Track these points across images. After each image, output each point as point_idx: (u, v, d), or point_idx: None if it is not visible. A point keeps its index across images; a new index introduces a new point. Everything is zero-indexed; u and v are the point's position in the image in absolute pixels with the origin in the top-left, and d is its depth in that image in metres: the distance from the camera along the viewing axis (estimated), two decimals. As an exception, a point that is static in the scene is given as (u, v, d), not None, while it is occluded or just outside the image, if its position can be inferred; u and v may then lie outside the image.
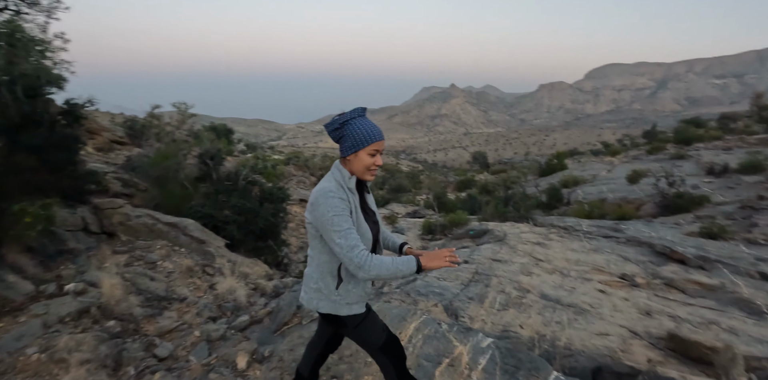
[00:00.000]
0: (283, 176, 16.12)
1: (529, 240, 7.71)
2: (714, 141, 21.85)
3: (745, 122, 26.13)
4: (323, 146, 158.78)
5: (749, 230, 9.67)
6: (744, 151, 17.83)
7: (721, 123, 29.09)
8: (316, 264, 1.66)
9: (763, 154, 15.30)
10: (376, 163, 1.62)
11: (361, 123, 1.59)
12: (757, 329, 4.14)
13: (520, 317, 3.69)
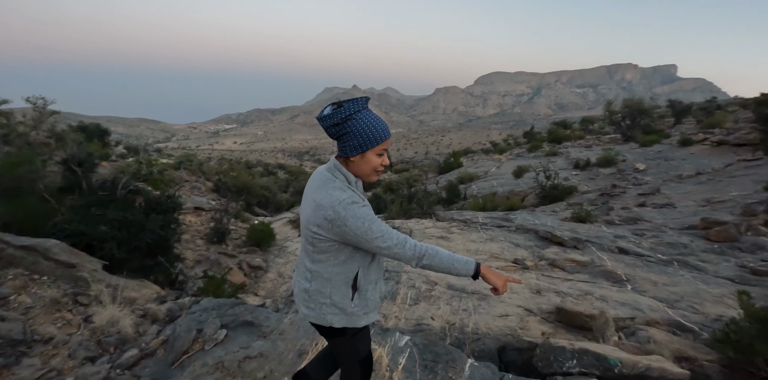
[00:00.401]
0: (173, 182, 14.50)
1: (433, 234, 8.12)
2: (578, 140, 25.93)
3: (599, 124, 31.64)
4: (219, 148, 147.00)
5: (608, 213, 11.64)
6: (600, 148, 21.50)
7: (582, 125, 34.80)
8: (326, 278, 1.50)
9: (615, 150, 18.58)
10: (384, 163, 1.45)
11: (367, 118, 1.37)
12: (621, 295, 4.95)
13: (430, 309, 3.85)
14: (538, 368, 3.00)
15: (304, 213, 1.50)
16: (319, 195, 1.42)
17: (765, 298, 4.71)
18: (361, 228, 1.36)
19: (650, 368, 2.99)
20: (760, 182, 11.01)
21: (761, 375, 3.25)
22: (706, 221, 9.31)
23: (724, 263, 7.41)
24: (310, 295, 1.54)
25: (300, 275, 1.59)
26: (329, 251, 1.45)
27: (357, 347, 1.63)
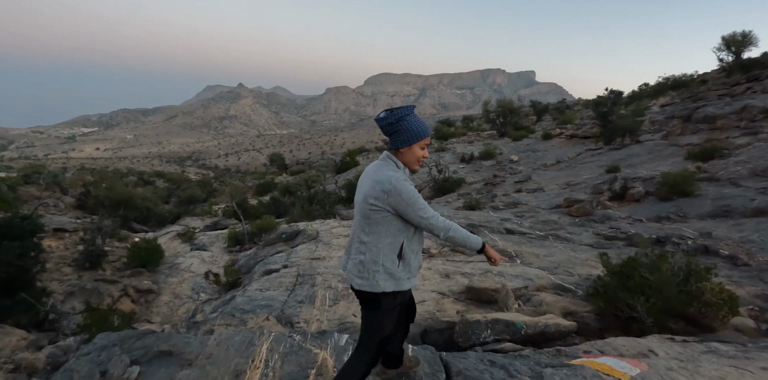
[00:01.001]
0: (20, 201, 11.74)
1: (340, 234, 8.07)
2: (462, 136, 28.48)
3: (478, 122, 35.34)
4: (77, 156, 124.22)
5: (492, 200, 13.02)
6: (481, 143, 23.96)
7: (464, 123, 38.41)
8: (378, 248, 1.75)
9: (493, 145, 20.89)
10: (425, 156, 1.83)
11: (415, 119, 1.77)
12: (513, 269, 5.54)
13: (351, 307, 3.81)
14: (458, 343, 3.19)
15: (360, 193, 1.81)
16: (377, 175, 1.76)
17: (618, 257, 5.75)
18: (410, 199, 1.69)
19: (547, 325, 3.42)
20: (603, 166, 13.52)
21: (624, 316, 3.97)
22: (568, 200, 11.08)
23: (585, 233, 8.91)
24: (365, 266, 1.77)
25: (355, 250, 1.84)
26: (382, 223, 1.73)
27: (384, 323, 1.82)
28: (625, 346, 2.63)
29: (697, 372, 2.19)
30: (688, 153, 11.79)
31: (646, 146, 13.90)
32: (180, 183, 33.30)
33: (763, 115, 12.78)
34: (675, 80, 22.00)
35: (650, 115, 17.30)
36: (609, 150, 14.99)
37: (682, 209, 9.24)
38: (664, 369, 2.20)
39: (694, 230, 8.30)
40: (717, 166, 10.55)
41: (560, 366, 2.18)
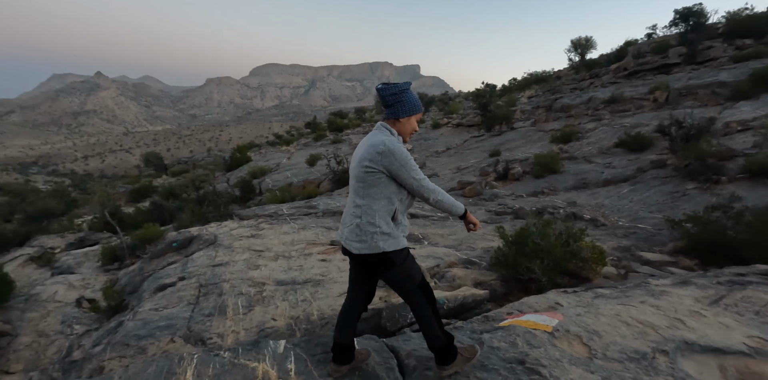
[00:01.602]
0: None
1: (242, 234, 7.45)
2: (357, 127, 28.72)
3: (370, 113, 36.06)
4: None
5: (391, 187, 13.44)
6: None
7: (357, 114, 38.79)
8: (373, 211, 1.81)
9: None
10: (416, 129, 1.96)
11: (413, 94, 1.90)
12: (423, 250, 5.73)
13: (268, 311, 3.50)
14: (387, 328, 3.15)
15: (355, 160, 1.87)
16: (371, 140, 1.83)
17: (511, 229, 6.37)
18: (403, 160, 1.77)
19: (465, 296, 3.59)
20: (486, 151, 14.95)
21: (525, 279, 4.41)
22: (461, 183, 12.01)
23: (479, 211, 9.75)
24: (362, 228, 1.81)
25: (351, 215, 1.88)
26: (377, 185, 1.80)
27: (411, 272, 1.89)
28: (538, 303, 2.89)
29: (599, 313, 2.52)
30: (552, 137, 13.72)
31: (519, 132, 15.79)
32: (25, 195, 27.15)
33: (603, 104, 15.60)
34: (537, 76, 25.75)
35: (520, 105, 19.76)
36: (490, 136, 16.66)
37: (552, 184, 10.74)
38: (574, 315, 2.47)
39: (563, 201, 9.72)
40: (574, 147, 12.48)
41: (494, 330, 2.28)
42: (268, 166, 21.03)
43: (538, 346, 2.13)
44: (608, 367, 2.00)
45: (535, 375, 1.89)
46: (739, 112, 11.03)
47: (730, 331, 2.45)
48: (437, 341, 1.89)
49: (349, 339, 2.00)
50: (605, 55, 24.14)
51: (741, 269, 4.39)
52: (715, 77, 13.64)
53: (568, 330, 2.30)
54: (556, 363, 1.99)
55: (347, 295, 2.10)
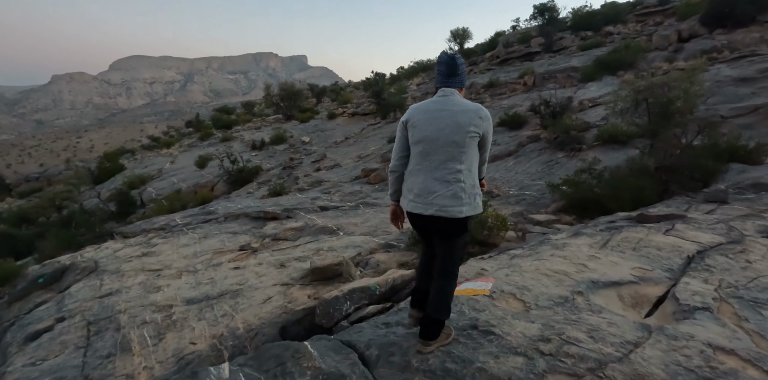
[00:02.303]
0: None
1: (130, 255, 6.46)
2: (247, 123, 26.82)
3: (259, 107, 33.94)
4: None
5: (296, 182, 12.92)
6: (269, 128, 23.13)
7: (246, 109, 36.15)
8: (472, 173, 1.87)
9: (282, 128, 20.47)
10: None
11: None
12: (340, 241, 5.64)
13: (184, 335, 3.06)
14: (323, 325, 3.02)
15: (449, 127, 1.80)
16: (465, 105, 1.83)
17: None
18: (491, 125, 1.88)
19: (395, 279, 3.62)
20: (384, 138, 15.28)
21: None
22: (365, 171, 12.10)
23: (386, 196, 9.97)
24: (467, 191, 1.82)
25: (448, 182, 1.81)
26: (473, 148, 1.84)
27: (467, 240, 2.06)
28: (467, 272, 3.03)
29: (522, 270, 2.78)
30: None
31: (411, 116, 16.49)
32: None
33: (484, 89, 17.13)
34: (423, 64, 27.31)
35: (411, 92, 20.59)
36: (386, 123, 17.07)
37: (449, 163, 11.50)
38: (503, 276, 2.67)
39: (460, 177, 10.50)
40: (462, 126, 13.45)
41: None
42: (147, 173, 18.55)
43: (482, 310, 2.25)
44: (543, 315, 2.23)
45: (490, 335, 2.00)
46: (589, 92, 13.13)
47: (620, 267, 2.88)
48: (446, 313, 1.90)
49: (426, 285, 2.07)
50: (480, 44, 26.93)
51: (609, 217, 5.23)
52: (568, 63, 16.03)
53: (503, 290, 2.47)
54: (502, 321, 2.13)
55: (424, 251, 2.15)
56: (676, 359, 1.89)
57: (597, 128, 9.80)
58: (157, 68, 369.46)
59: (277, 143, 18.86)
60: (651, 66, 13.31)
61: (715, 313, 2.42)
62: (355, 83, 44.27)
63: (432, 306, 1.87)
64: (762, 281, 2.80)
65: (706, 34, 14.16)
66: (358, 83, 37.16)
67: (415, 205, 1.85)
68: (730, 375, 1.82)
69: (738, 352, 2.03)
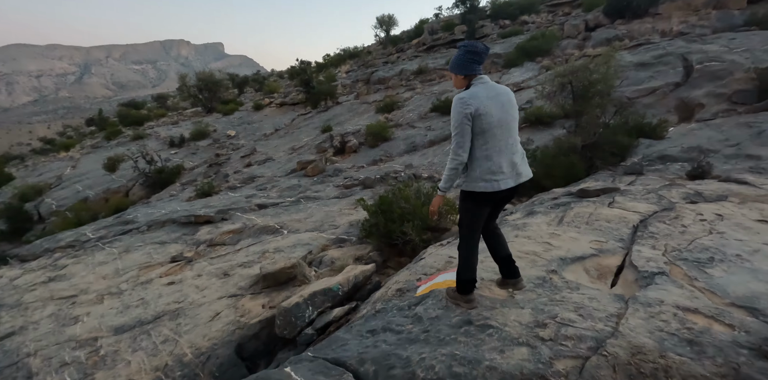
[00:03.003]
0: None
1: (33, 282, 5.47)
2: (161, 118, 24.20)
3: (173, 100, 30.79)
4: None
5: (226, 180, 11.96)
6: (189, 122, 21.08)
7: (158, 102, 32.57)
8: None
9: (204, 122, 18.77)
10: None
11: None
12: (286, 241, 5.27)
13: (118, 373, 2.56)
14: (285, 336, 2.72)
15: (506, 105, 2.03)
16: (502, 87, 2.08)
17: (371, 199, 6.41)
18: None
19: (356, 276, 3.41)
20: (317, 128, 14.72)
21: (399, 242, 4.50)
22: (301, 163, 11.55)
23: (327, 188, 9.59)
24: (524, 159, 2.15)
25: (518, 152, 2.11)
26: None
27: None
28: (435, 261, 2.90)
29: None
30: (376, 108, 14.44)
31: (345, 106, 16.07)
32: None
33: (414, 75, 17.23)
34: (349, 52, 26.73)
35: (340, 80, 20.03)
36: (317, 113, 16.46)
37: (387, 151, 11.38)
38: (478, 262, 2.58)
39: (400, 165, 10.43)
40: (398, 115, 13.43)
41: (422, 302, 2.15)
42: (43, 182, 16.05)
43: None
44: (528, 298, 2.20)
45: (489, 328, 1.90)
46: (513, 77, 13.78)
47: (579, 242, 2.94)
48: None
49: (507, 251, 2.24)
50: (406, 31, 27.06)
51: (550, 194, 5.46)
52: (491, 50, 16.65)
53: (482, 278, 2.38)
54: (494, 311, 2.05)
55: (481, 234, 2.22)
56: (657, 325, 1.98)
57: (524, 111, 10.29)
58: (45, 59, 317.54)
59: (199, 138, 17.33)
60: (564, 53, 14.34)
61: (671, 276, 2.55)
62: (280, 72, 42.20)
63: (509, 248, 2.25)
64: (699, 243, 3.03)
65: (609, 24, 15.58)
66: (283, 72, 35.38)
67: (506, 182, 2.00)
68: (705, 333, 1.93)
69: (701, 310, 2.16)
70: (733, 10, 13.66)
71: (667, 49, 11.33)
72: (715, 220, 3.44)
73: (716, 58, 10.24)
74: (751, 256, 2.82)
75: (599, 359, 1.68)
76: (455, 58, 2.02)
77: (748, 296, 2.32)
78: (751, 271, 2.61)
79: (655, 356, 1.74)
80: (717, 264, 2.71)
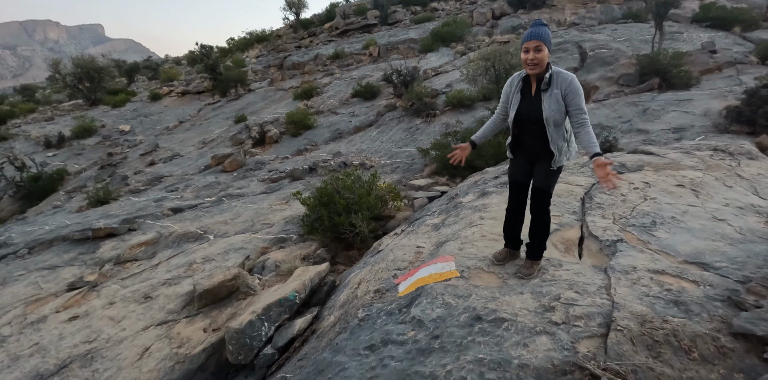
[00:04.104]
0: None
1: None
2: (31, 114, 19.98)
3: (44, 93, 25.69)
4: None
5: (126, 183, 10.34)
6: (68, 117, 17.69)
7: (25, 95, 26.92)
8: None
9: (87, 116, 15.90)
10: (528, 58, 1.95)
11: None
12: (214, 247, 4.67)
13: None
14: (241, 361, 2.29)
15: None
16: None
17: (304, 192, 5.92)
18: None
19: (311, 279, 3.05)
20: (230, 118, 13.40)
21: (349, 236, 4.20)
22: (216, 158, 10.42)
23: (252, 184, 8.78)
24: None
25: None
26: None
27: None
28: (405, 254, 2.67)
29: (466, 240, 2.63)
30: (294, 94, 13.59)
31: (259, 93, 14.85)
32: None
33: (330, 60, 16.53)
34: (257, 35, 24.59)
35: (250, 65, 18.42)
36: (228, 101, 15.00)
37: (312, 139, 10.79)
38: (456, 250, 2.47)
39: (328, 153, 9.94)
40: (318, 101, 12.79)
41: (415, 303, 1.92)
42: None
43: (466, 295, 1.98)
44: (522, 282, 2.15)
45: (503, 322, 1.78)
46: (430, 62, 13.93)
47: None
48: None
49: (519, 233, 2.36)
50: (317, 14, 25.79)
51: (487, 174, 5.53)
52: (406, 35, 16.69)
53: (468, 267, 2.23)
54: (498, 302, 1.92)
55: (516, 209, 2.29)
56: (642, 291, 2.04)
57: (444, 94, 10.45)
58: None
59: (84, 136, 14.74)
60: (476, 39, 14.89)
61: (629, 243, 2.65)
62: (176, 58, 37.78)
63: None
64: (640, 209, 3.21)
65: (512, 13, 16.67)
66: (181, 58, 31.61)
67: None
68: (682, 293, 2.03)
69: (667, 271, 2.27)
70: (613, 4, 15.45)
71: (565, 37, 12.34)
72: (645, 188, 3.70)
73: (605, 46, 11.42)
74: (683, 217, 3.06)
75: (617, 335, 1.68)
76: (549, 34, 1.98)
77: (694, 253, 2.51)
78: (688, 230, 2.83)
79: (659, 322, 1.78)
80: (659, 227, 2.90)
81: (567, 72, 1.97)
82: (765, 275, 2.22)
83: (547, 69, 1.96)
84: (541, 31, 1.92)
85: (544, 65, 1.93)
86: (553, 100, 1.93)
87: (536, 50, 1.91)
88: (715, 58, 9.85)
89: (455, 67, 12.97)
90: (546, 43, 1.91)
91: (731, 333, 1.73)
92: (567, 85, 1.90)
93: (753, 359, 1.64)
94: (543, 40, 1.91)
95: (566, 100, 1.93)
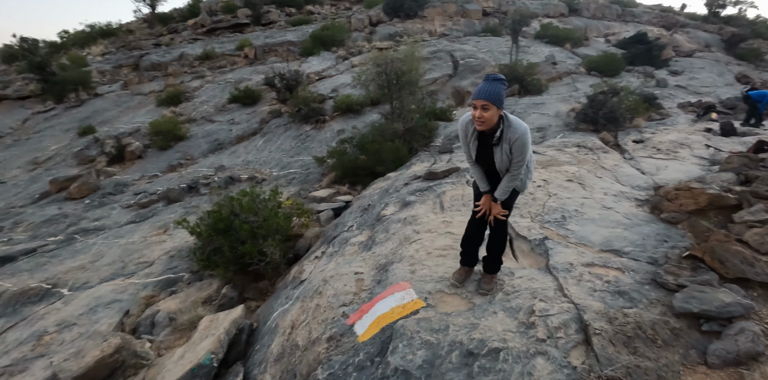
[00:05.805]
0: None
1: None
2: None
3: None
4: None
5: None
6: None
7: None
8: None
9: None
10: (475, 115, 1.95)
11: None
12: (75, 306, 3.62)
13: None
14: None
15: None
16: None
17: (188, 216, 4.99)
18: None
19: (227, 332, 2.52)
20: (71, 130, 10.81)
21: (256, 263, 3.64)
22: (57, 182, 8.26)
23: (113, 212, 7.19)
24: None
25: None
26: None
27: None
28: (346, 285, 2.36)
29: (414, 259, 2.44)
30: (157, 100, 11.67)
31: (109, 99, 12.34)
32: None
33: (198, 61, 14.69)
34: (101, 29, 20.19)
35: (95, 64, 15.16)
36: (66, 109, 12.08)
37: (186, 152, 9.39)
38: (408, 274, 2.22)
39: (208, 168, 8.76)
40: (188, 108, 11.23)
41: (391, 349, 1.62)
42: None
43: (445, 328, 1.83)
44: (486, 299, 2.12)
45: (497, 352, 1.70)
46: (312, 65, 13.46)
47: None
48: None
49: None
50: (178, 9, 22.51)
51: (393, 181, 5.45)
52: (284, 37, 15.78)
53: (429, 292, 2.05)
54: (481, 330, 1.82)
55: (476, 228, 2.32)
56: (589, 287, 2.14)
57: (332, 99, 10.20)
58: None
59: None
60: (356, 44, 14.95)
61: (552, 240, 2.77)
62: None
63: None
64: (548, 205, 3.45)
65: (388, 21, 17.19)
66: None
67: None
68: (618, 282, 2.18)
69: (596, 263, 2.43)
70: (474, 19, 17.18)
71: (438, 47, 13.25)
72: (545, 185, 4.02)
73: (472, 55, 12.60)
74: (583, 209, 3.37)
75: (599, 340, 1.74)
76: (500, 93, 1.90)
77: (604, 241, 2.76)
78: (591, 221, 3.12)
79: (622, 317, 1.88)
80: (569, 221, 3.13)
81: (518, 125, 1.94)
82: (663, 254, 2.51)
83: (499, 123, 1.94)
84: (490, 89, 1.88)
85: (492, 123, 1.91)
86: (504, 154, 1.98)
87: (483, 109, 1.88)
88: (557, 68, 11.71)
89: (339, 71, 12.81)
90: (494, 102, 1.86)
91: (674, 314, 1.90)
92: (514, 141, 1.92)
93: (695, 334, 1.84)
94: (490, 100, 1.86)
95: (512, 153, 1.96)
